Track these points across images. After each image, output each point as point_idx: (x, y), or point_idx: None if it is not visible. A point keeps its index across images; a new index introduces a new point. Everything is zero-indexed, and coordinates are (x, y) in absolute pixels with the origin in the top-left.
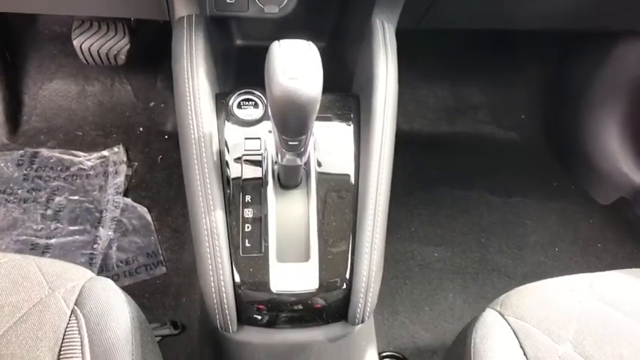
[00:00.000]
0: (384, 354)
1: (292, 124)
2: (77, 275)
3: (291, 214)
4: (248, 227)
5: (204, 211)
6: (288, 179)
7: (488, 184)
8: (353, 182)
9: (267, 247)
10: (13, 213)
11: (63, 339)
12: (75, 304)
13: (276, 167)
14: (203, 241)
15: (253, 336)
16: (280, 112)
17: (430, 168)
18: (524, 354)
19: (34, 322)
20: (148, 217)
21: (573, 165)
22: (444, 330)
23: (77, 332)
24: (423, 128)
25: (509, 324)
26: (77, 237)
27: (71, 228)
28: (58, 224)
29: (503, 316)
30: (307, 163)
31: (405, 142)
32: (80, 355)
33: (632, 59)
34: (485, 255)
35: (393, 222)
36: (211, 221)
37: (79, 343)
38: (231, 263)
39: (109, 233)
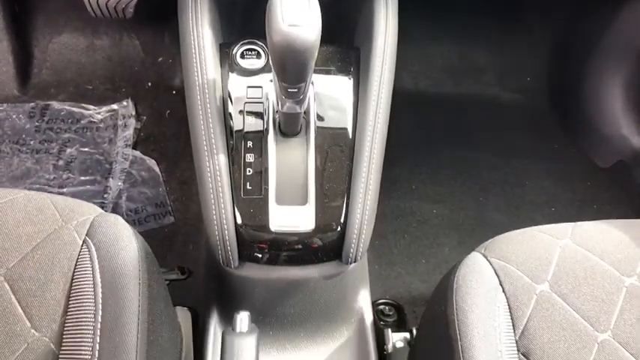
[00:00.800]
0: (380, 301)
1: (291, 70)
2: (88, 210)
3: (290, 160)
4: (249, 171)
5: (207, 155)
6: (288, 127)
7: (490, 145)
8: (351, 132)
9: (266, 190)
10: (26, 163)
11: (75, 265)
12: (86, 235)
13: (277, 116)
14: (207, 183)
15: (253, 272)
16: (280, 58)
17: (433, 127)
18: (503, 291)
19: (48, 251)
20: (157, 169)
21: (575, 128)
22: (438, 281)
23: (88, 260)
24: (428, 88)
25: (491, 264)
26: (88, 187)
27: (82, 178)
28: (69, 174)
29: (486, 257)
30: (307, 112)
31: (409, 102)
32: (91, 279)
33: (637, 23)
34: (483, 213)
35: (394, 179)
36: (214, 164)
37: (90, 269)
38: (233, 204)
39: (119, 184)
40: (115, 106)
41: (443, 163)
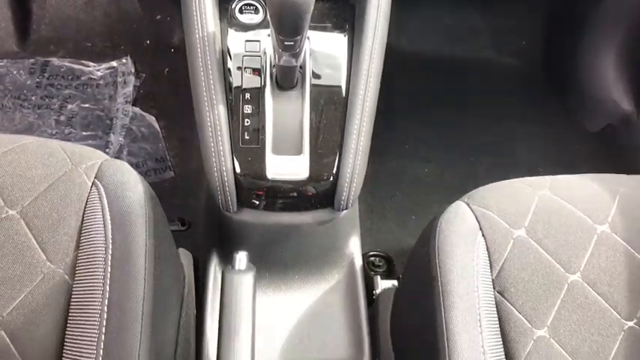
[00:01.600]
0: (371, 253)
1: (288, 23)
2: (96, 155)
3: (286, 113)
4: (247, 122)
5: (207, 105)
6: (285, 80)
7: (482, 107)
8: (344, 87)
9: (263, 140)
10: (29, 118)
11: (86, 205)
12: (95, 177)
13: (274, 69)
14: (207, 133)
15: (251, 217)
16: (277, 11)
17: (428, 89)
18: (483, 235)
19: (60, 191)
20: (156, 125)
21: (567, 92)
22: None
23: (98, 200)
24: (423, 50)
25: (473, 211)
26: (90, 142)
27: (84, 133)
28: (71, 129)
29: (469, 205)
30: (302, 67)
31: (404, 63)
32: (101, 217)
33: None
34: (473, 173)
35: (387, 140)
36: (214, 114)
37: (100, 208)
38: (232, 152)
39: (120, 139)
40: (114, 64)
41: (436, 125)
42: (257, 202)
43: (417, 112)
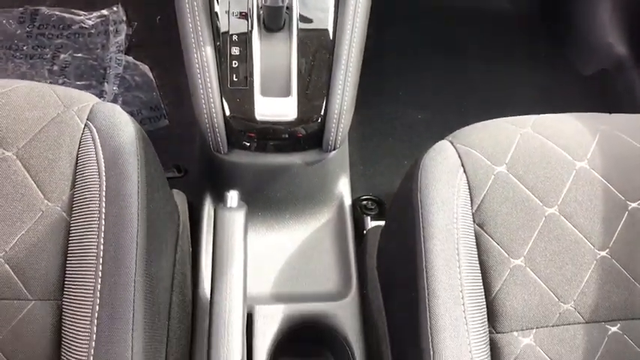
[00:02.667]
0: (363, 197)
1: None
2: (87, 98)
3: (274, 54)
4: (235, 64)
5: (195, 47)
6: (272, 21)
7: (477, 53)
8: (332, 29)
9: (252, 82)
10: (21, 68)
11: (79, 146)
12: (87, 119)
13: (261, 11)
14: (195, 74)
15: (242, 158)
16: None
17: (422, 35)
18: (465, 171)
19: (54, 133)
20: (150, 74)
21: (563, 36)
22: None
23: (91, 140)
24: None
25: (456, 149)
26: (84, 91)
27: (78, 83)
28: (65, 79)
29: (452, 143)
30: (289, 8)
31: (397, 9)
32: (94, 157)
33: None
34: (466, 118)
35: (381, 86)
36: (202, 56)
37: (93, 148)
38: (221, 94)
39: (114, 88)
40: (105, 12)
41: (429, 70)
42: (248, 144)
43: (411, 58)
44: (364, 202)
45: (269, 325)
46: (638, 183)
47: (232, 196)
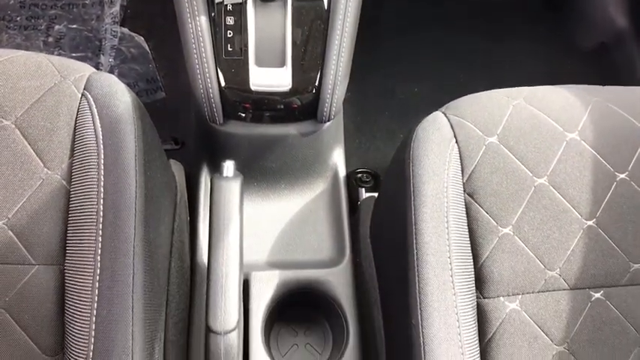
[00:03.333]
0: (359, 170)
1: None
2: (83, 68)
3: (268, 24)
4: (230, 34)
5: (189, 16)
6: None
7: (474, 27)
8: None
9: (246, 52)
10: (16, 39)
11: (77, 115)
12: (84, 89)
13: None
14: (190, 45)
15: (237, 129)
16: None
17: (418, 8)
18: (457, 142)
19: (51, 102)
20: (145, 46)
21: (563, 9)
22: None
23: (88, 110)
24: None
25: (449, 120)
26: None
27: (74, 55)
28: (60, 51)
29: (446, 114)
30: None
31: None
32: (92, 126)
33: None
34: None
35: (378, 59)
36: (197, 27)
37: (90, 118)
38: (216, 63)
39: (110, 60)
40: None
41: (427, 44)
42: (243, 115)
43: (408, 31)
44: (359, 175)
45: (265, 290)
46: (627, 154)
47: (228, 166)
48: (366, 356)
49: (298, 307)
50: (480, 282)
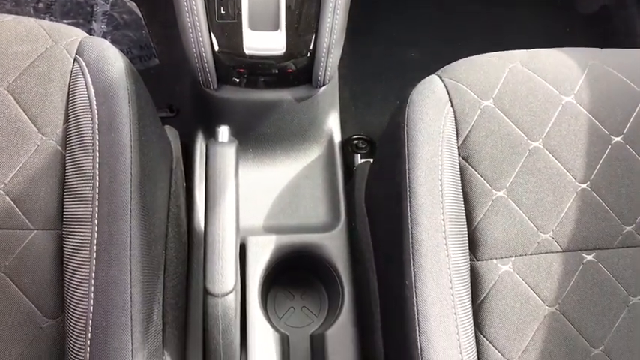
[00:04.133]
0: (355, 137)
1: None
2: (75, 32)
3: None
4: None
5: None
6: None
7: None
8: None
9: (240, 15)
10: (5, 5)
11: (70, 80)
12: (76, 53)
13: None
14: (182, 9)
15: (232, 94)
16: None
17: None
18: (452, 105)
19: (43, 67)
20: (138, 12)
21: None
22: None
23: (81, 75)
24: None
25: (444, 83)
26: None
27: (65, 21)
28: (51, 17)
29: (441, 78)
30: None
31: None
32: (85, 91)
33: None
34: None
35: (375, 25)
36: None
37: (84, 82)
38: (209, 28)
39: (102, 27)
40: None
41: (424, 9)
42: (237, 80)
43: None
44: (355, 142)
45: (261, 254)
46: (622, 118)
47: (223, 132)
48: (361, 318)
49: (294, 272)
50: (474, 244)
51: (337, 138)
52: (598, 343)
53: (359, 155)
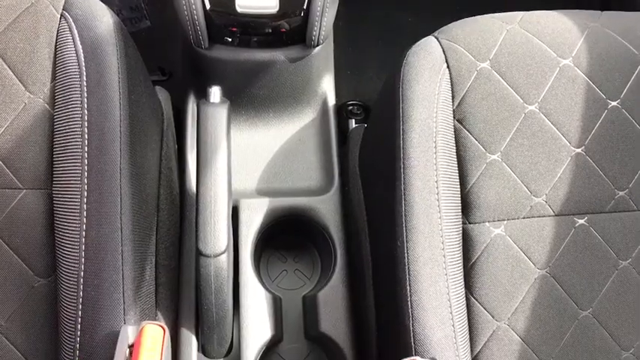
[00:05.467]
0: (350, 102)
1: None
2: None
3: None
4: None
5: None
6: None
7: None
8: None
9: None
10: None
11: (57, 37)
12: (63, 9)
13: None
14: None
15: (224, 53)
16: None
17: None
18: (448, 67)
19: (29, 23)
20: None
21: None
22: None
23: (68, 31)
24: None
25: (441, 44)
26: None
27: None
28: None
29: (438, 39)
30: None
31: None
32: (73, 47)
33: None
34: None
35: None
36: None
37: (71, 39)
38: None
39: None
40: None
41: None
42: (230, 39)
43: None
44: (350, 107)
45: (254, 217)
46: (620, 82)
47: (215, 92)
48: (353, 280)
49: (287, 235)
50: (467, 207)
51: (331, 101)
52: (586, 306)
53: (353, 120)
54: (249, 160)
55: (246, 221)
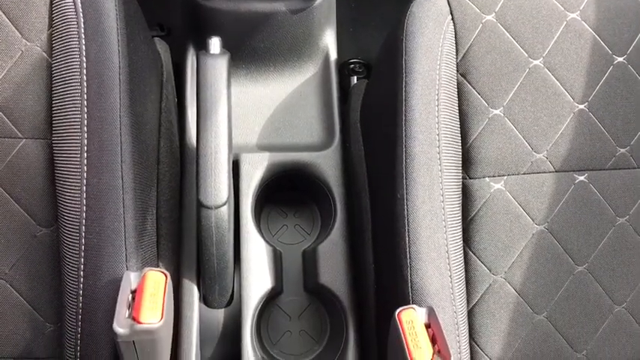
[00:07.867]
0: (351, 60)
1: None
2: None
3: None
4: None
5: None
6: None
7: None
8: None
9: None
10: None
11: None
12: None
13: None
14: None
15: (223, 4)
16: None
17: None
18: (452, 19)
19: None
20: None
21: None
22: None
23: None
24: None
25: None
26: None
27: None
28: None
29: None
30: None
31: None
32: (72, 4)
33: None
34: None
35: None
36: None
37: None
38: None
39: None
40: None
41: None
42: None
43: None
44: (352, 65)
45: (254, 171)
46: (628, 37)
47: (214, 43)
48: (352, 234)
49: (287, 190)
50: (467, 162)
51: (333, 55)
52: (582, 261)
53: (355, 78)
54: (250, 115)
55: (247, 176)
